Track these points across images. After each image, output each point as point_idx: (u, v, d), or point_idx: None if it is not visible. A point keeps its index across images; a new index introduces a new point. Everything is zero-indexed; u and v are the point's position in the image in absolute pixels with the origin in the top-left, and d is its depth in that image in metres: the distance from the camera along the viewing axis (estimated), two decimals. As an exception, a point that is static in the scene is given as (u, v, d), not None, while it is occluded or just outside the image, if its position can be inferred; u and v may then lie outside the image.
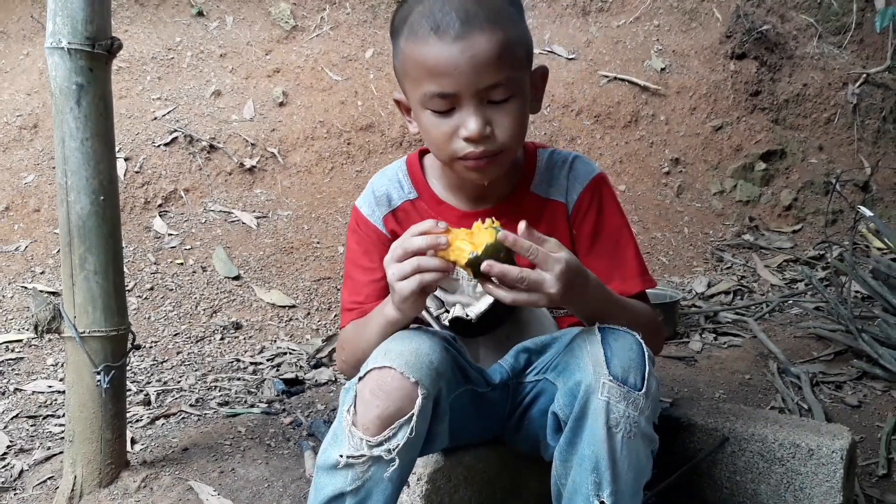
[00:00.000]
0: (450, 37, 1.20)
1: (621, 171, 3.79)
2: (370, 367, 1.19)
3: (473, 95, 1.22)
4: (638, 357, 1.18)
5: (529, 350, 1.37)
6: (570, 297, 1.17)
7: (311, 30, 4.10)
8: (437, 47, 1.21)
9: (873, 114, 4.08)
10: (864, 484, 1.73)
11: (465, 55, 1.20)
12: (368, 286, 1.42)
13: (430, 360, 1.19)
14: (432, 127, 1.27)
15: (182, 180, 3.35)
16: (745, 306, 2.88)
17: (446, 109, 1.24)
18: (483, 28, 1.21)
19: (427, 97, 1.24)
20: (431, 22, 1.21)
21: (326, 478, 1.19)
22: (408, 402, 1.16)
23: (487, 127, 1.23)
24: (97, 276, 1.59)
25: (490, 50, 1.20)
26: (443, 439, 1.29)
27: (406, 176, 1.44)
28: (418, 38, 1.23)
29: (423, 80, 1.23)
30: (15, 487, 1.76)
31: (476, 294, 1.38)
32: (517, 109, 1.26)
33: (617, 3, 4.39)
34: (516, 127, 1.27)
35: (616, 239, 1.41)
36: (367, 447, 1.16)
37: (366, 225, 1.43)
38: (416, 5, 1.25)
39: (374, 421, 1.16)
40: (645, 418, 1.17)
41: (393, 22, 1.31)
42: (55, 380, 2.26)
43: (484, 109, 1.23)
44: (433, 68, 1.22)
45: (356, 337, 1.36)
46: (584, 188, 1.40)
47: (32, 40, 3.84)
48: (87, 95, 1.55)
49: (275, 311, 2.75)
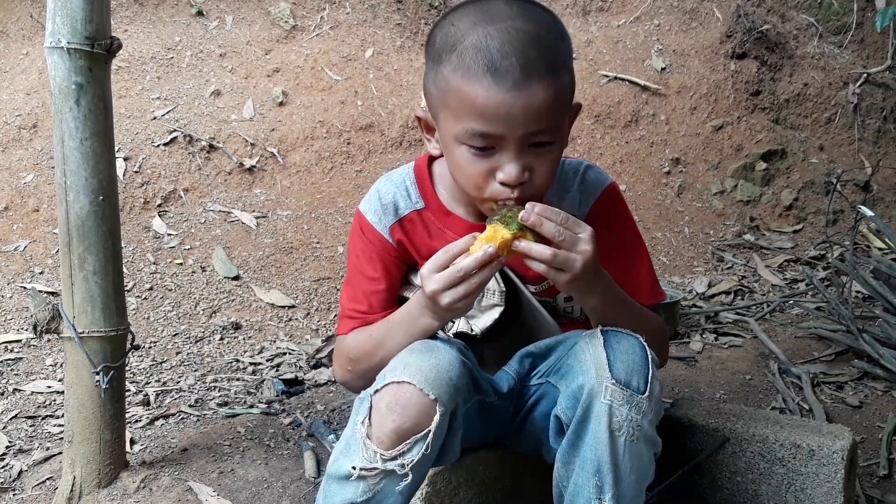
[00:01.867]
0: (508, 83, 1.14)
1: (621, 171, 3.78)
2: (388, 380, 1.17)
3: (518, 140, 1.17)
4: (641, 360, 1.18)
5: (533, 354, 1.37)
6: (595, 273, 1.17)
7: (310, 29, 4.09)
8: (492, 91, 1.14)
9: (874, 113, 4.08)
10: (865, 484, 1.73)
11: (519, 103, 1.15)
12: (371, 296, 1.39)
13: (449, 376, 1.18)
14: (467, 164, 1.21)
15: (181, 180, 3.35)
16: (746, 306, 2.87)
17: (485, 147, 1.19)
18: (542, 78, 1.15)
19: (468, 134, 1.19)
20: (488, 61, 1.14)
21: (337, 487, 1.18)
22: (425, 419, 1.15)
23: (526, 173, 1.19)
24: (96, 276, 1.59)
25: (545, 101, 1.16)
26: (455, 452, 1.28)
27: (414, 184, 1.40)
28: (470, 74, 1.16)
29: (468, 118, 1.17)
30: (14, 488, 1.76)
31: (481, 308, 1.36)
32: (554, 157, 1.23)
33: (617, 3, 4.39)
34: (553, 172, 1.24)
35: (629, 252, 1.39)
36: (381, 461, 1.15)
37: (372, 233, 1.39)
38: (469, 33, 1.17)
39: (390, 435, 1.15)
40: (648, 421, 1.17)
41: (433, 40, 1.24)
42: (54, 380, 2.25)
43: (525, 155, 1.19)
44: (483, 110, 1.16)
45: (372, 347, 1.33)
46: (595, 199, 1.38)
47: (32, 40, 3.83)
48: (87, 95, 1.55)
49: (274, 312, 2.75)
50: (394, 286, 1.41)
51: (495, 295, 1.33)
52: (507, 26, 1.15)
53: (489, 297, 1.34)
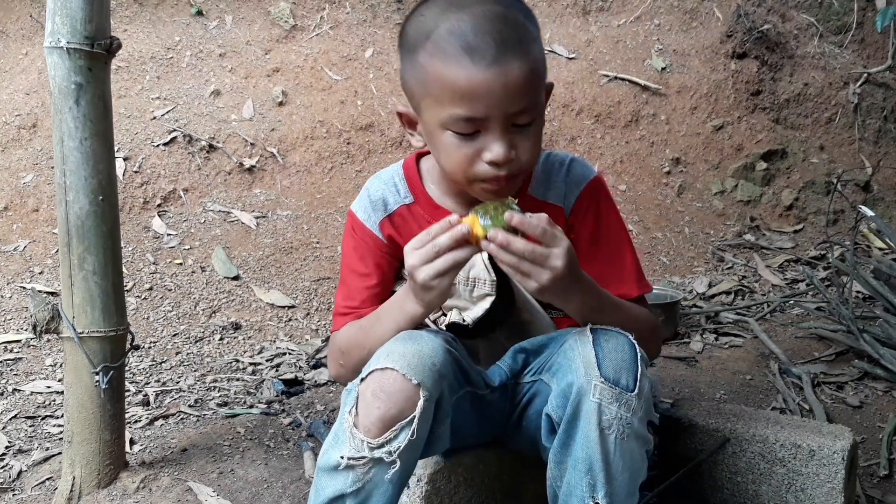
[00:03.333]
0: (486, 60, 1.16)
1: (622, 171, 3.78)
2: (372, 367, 1.19)
3: (502, 120, 1.20)
4: (630, 358, 1.18)
5: (526, 350, 1.37)
6: (570, 283, 1.18)
7: (310, 29, 4.09)
8: (472, 70, 1.16)
9: (874, 113, 4.07)
10: (866, 485, 1.73)
11: (499, 81, 1.17)
12: (363, 292, 1.41)
13: (432, 361, 1.19)
14: (453, 148, 1.23)
15: (181, 180, 3.35)
16: (746, 306, 2.87)
17: (471, 132, 1.21)
18: (517, 53, 1.18)
19: (452, 119, 1.20)
20: (464, 43, 1.17)
21: (327, 479, 1.19)
22: (409, 405, 1.16)
23: (512, 151, 1.22)
24: (96, 276, 1.59)
25: (523, 76, 1.18)
26: (444, 441, 1.28)
27: (402, 180, 1.42)
28: (448, 58, 1.18)
29: (450, 102, 1.19)
30: (14, 488, 1.76)
31: (472, 299, 1.37)
32: (536, 135, 1.25)
33: (617, 3, 4.39)
34: (537, 148, 1.27)
35: (614, 244, 1.40)
36: (368, 449, 1.16)
37: (362, 230, 1.41)
38: (441, 21, 1.20)
39: (376, 423, 1.16)
40: (638, 419, 1.17)
41: (406, 33, 1.26)
42: (54, 380, 2.25)
43: (509, 133, 1.21)
44: (466, 92, 1.18)
45: (362, 337, 1.34)
46: (581, 191, 1.39)
47: (31, 40, 3.83)
48: (86, 95, 1.54)
49: (274, 312, 2.75)
50: (386, 282, 1.42)
51: (486, 284, 1.34)
52: (476, 10, 1.19)
53: (480, 286, 1.35)
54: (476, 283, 1.34)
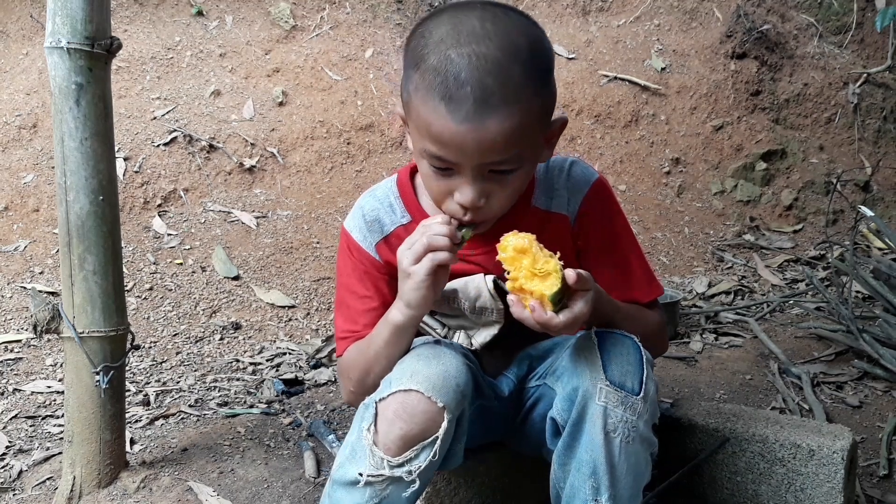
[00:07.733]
0: (460, 115, 1.10)
1: (621, 171, 3.78)
2: (395, 388, 1.17)
3: (474, 169, 1.16)
4: (635, 361, 1.18)
5: (531, 356, 1.37)
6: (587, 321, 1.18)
7: (310, 29, 4.09)
8: (446, 120, 1.11)
9: (874, 113, 4.07)
10: (865, 484, 1.73)
11: (470, 136, 1.11)
12: (365, 315, 1.37)
13: (456, 382, 1.18)
14: (429, 178, 1.22)
15: (181, 180, 3.35)
16: (746, 306, 2.87)
17: (444, 168, 1.18)
18: (499, 110, 1.10)
19: (427, 153, 1.18)
20: (444, 90, 1.10)
21: (344, 493, 1.19)
22: (432, 425, 1.15)
23: (482, 199, 1.18)
24: (96, 276, 1.59)
25: (500, 134, 1.12)
26: (458, 457, 1.28)
27: (398, 198, 1.37)
28: (427, 98, 1.13)
29: (427, 138, 1.16)
30: (14, 488, 1.76)
31: (479, 321, 1.34)
32: (518, 181, 1.21)
33: (617, 3, 4.39)
34: (512, 197, 1.23)
35: (621, 249, 1.38)
36: (388, 467, 1.16)
37: (359, 252, 1.38)
38: (435, 51, 1.13)
39: (397, 442, 1.16)
40: (643, 422, 1.17)
41: (409, 46, 1.20)
42: (54, 380, 2.25)
43: (482, 181, 1.17)
44: (437, 136, 1.14)
45: (361, 356, 1.32)
46: (584, 196, 1.35)
47: (32, 40, 3.83)
48: (87, 95, 1.54)
49: (274, 312, 2.75)
50: (386, 304, 1.36)
51: (493, 313, 1.31)
52: (469, 51, 1.10)
53: (487, 315, 1.33)
54: (483, 311, 1.31)
